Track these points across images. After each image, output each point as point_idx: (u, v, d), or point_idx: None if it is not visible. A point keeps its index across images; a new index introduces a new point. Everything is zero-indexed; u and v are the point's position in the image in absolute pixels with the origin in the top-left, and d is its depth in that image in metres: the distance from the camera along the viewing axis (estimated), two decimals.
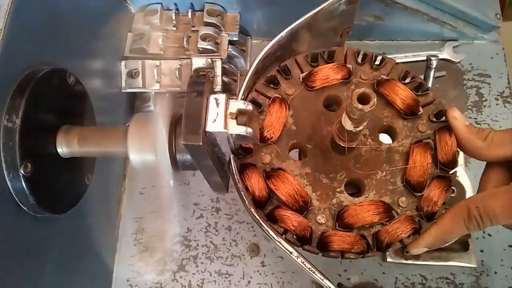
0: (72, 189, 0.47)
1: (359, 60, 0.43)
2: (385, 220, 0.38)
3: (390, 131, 0.42)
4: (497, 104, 0.68)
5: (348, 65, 0.43)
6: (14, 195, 0.39)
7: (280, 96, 0.42)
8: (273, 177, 0.39)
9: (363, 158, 0.41)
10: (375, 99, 0.31)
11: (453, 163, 0.39)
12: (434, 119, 0.41)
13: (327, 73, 0.42)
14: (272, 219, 0.39)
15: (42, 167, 0.41)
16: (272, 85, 0.43)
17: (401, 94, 0.41)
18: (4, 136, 0.38)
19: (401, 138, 0.41)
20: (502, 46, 0.71)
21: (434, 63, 0.63)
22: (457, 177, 0.41)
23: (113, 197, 0.65)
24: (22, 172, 0.38)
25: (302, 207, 0.39)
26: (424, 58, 0.66)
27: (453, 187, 0.40)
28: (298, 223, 0.38)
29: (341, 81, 0.43)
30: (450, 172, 0.40)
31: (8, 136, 0.38)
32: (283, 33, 0.43)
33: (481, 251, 0.60)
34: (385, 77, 0.42)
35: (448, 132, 0.40)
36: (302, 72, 0.43)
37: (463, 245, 0.59)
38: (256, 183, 0.39)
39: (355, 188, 0.42)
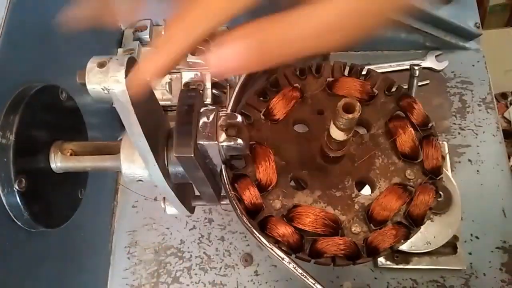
0: (65, 203, 0.48)
1: (346, 73, 0.45)
2: (408, 199, 0.40)
3: (364, 123, 0.44)
4: (479, 110, 0.70)
5: (295, 85, 0.44)
6: (9, 210, 0.39)
7: (259, 142, 0.42)
8: (295, 217, 0.39)
9: (356, 156, 0.42)
10: (359, 105, 0.32)
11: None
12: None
13: (281, 103, 0.43)
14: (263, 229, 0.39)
15: (36, 182, 0.41)
16: (262, 98, 0.44)
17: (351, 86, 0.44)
18: None
19: (375, 124, 0.43)
20: (483, 54, 0.73)
21: (417, 72, 0.64)
22: (443, 182, 0.42)
23: (106, 210, 0.66)
24: (17, 187, 0.39)
25: (336, 228, 0.39)
26: (408, 67, 0.68)
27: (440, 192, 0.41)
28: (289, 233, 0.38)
29: (298, 101, 0.44)
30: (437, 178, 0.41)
31: (2, 152, 0.38)
32: None
33: (470, 253, 0.61)
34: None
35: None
36: (290, 85, 0.44)
37: (452, 248, 0.60)
38: (250, 194, 0.40)
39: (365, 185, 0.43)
